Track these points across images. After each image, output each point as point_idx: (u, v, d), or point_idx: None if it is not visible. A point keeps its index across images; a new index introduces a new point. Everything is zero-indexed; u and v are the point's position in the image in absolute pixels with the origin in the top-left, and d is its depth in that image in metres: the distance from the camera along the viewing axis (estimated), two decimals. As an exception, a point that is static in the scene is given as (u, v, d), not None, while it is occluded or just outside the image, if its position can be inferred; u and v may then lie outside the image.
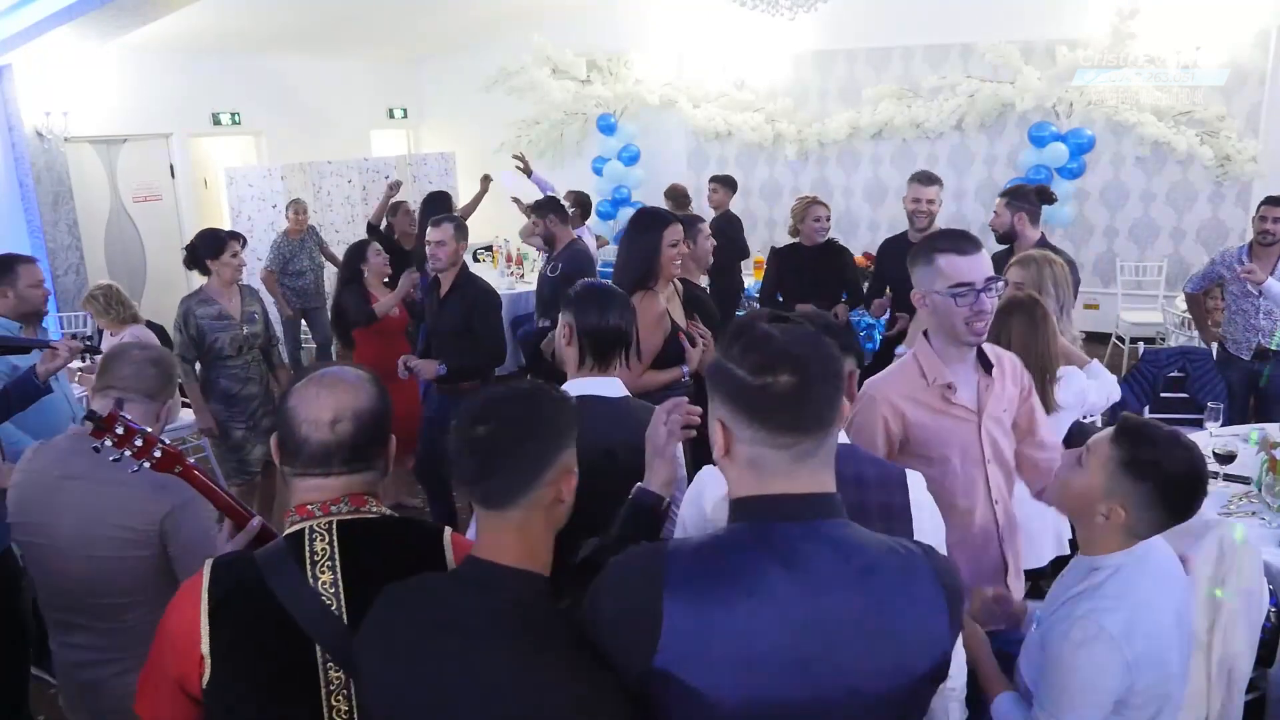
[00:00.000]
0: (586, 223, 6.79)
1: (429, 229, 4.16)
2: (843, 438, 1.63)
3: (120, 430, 1.63)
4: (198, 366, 4.16)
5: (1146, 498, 1.63)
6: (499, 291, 6.09)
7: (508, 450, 1.24)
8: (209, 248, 4.07)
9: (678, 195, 7.24)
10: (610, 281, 2.58)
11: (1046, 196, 4.14)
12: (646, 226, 3.21)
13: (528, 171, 6.91)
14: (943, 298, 2.03)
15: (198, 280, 4.25)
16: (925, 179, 4.43)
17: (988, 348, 2.21)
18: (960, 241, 2.08)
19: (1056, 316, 3.07)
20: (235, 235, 4.20)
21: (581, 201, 6.74)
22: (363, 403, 1.44)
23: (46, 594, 2.14)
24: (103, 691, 2.12)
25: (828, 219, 5.00)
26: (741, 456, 1.17)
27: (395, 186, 6.43)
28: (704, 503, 1.63)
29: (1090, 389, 2.93)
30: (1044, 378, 2.74)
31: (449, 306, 4.08)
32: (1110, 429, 1.72)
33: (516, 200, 6.71)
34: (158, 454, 1.66)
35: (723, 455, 1.19)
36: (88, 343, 3.18)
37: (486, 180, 6.94)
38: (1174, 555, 1.75)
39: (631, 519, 1.55)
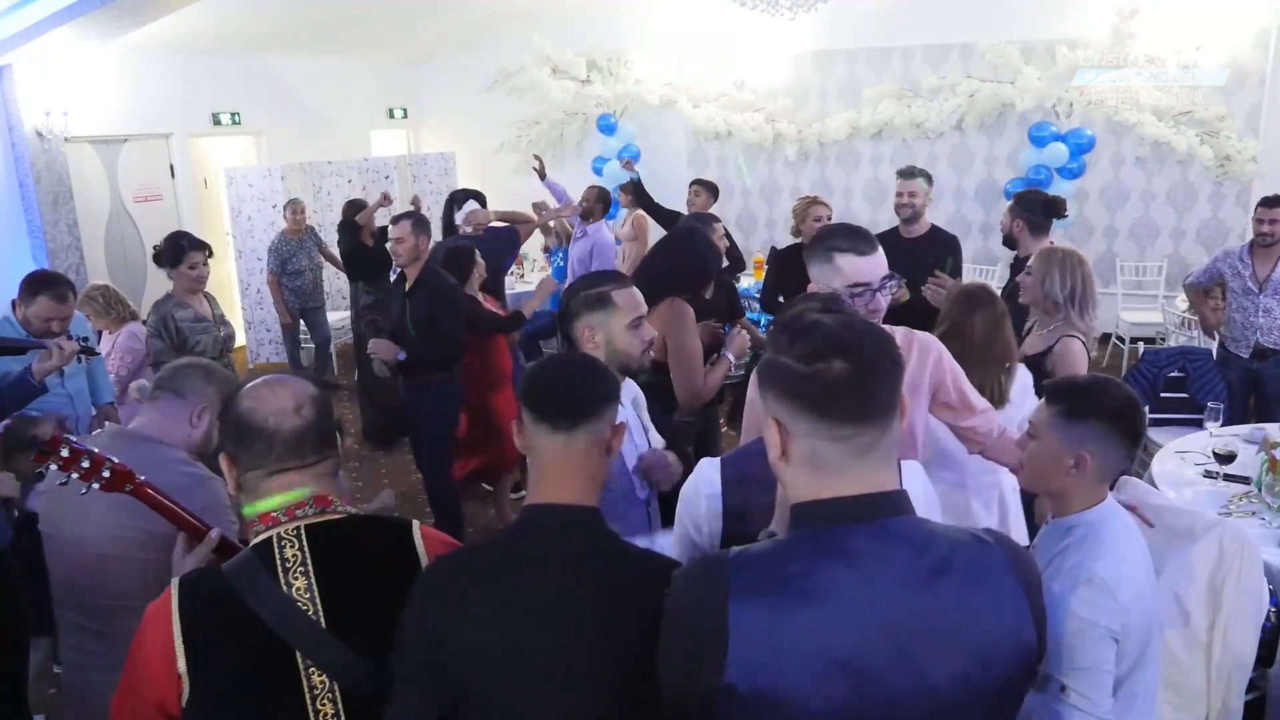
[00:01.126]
0: (604, 219, 6.76)
1: (390, 226, 4.19)
2: None
3: (65, 453, 1.61)
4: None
5: (1099, 433, 1.74)
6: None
7: (585, 379, 1.42)
8: (169, 255, 3.93)
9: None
10: (623, 273, 2.61)
11: (1054, 210, 4.08)
12: (707, 262, 3.34)
13: (542, 175, 6.94)
14: (841, 296, 2.07)
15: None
16: (904, 173, 4.50)
17: (900, 334, 2.24)
18: (858, 241, 2.11)
19: (1066, 309, 3.09)
20: (200, 246, 3.99)
21: (603, 198, 6.78)
22: (312, 390, 1.49)
23: (60, 593, 2.14)
24: (100, 696, 2.11)
25: (829, 219, 4.98)
26: (799, 454, 1.13)
27: (387, 198, 6.42)
28: (700, 495, 1.64)
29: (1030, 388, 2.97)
30: (1003, 369, 2.81)
31: (415, 300, 4.14)
32: (1040, 400, 1.86)
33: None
34: (106, 474, 1.63)
35: (779, 458, 1.15)
36: (83, 343, 3.17)
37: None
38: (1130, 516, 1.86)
39: None
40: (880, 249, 2.13)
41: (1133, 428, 1.77)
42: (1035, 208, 4.07)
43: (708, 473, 1.67)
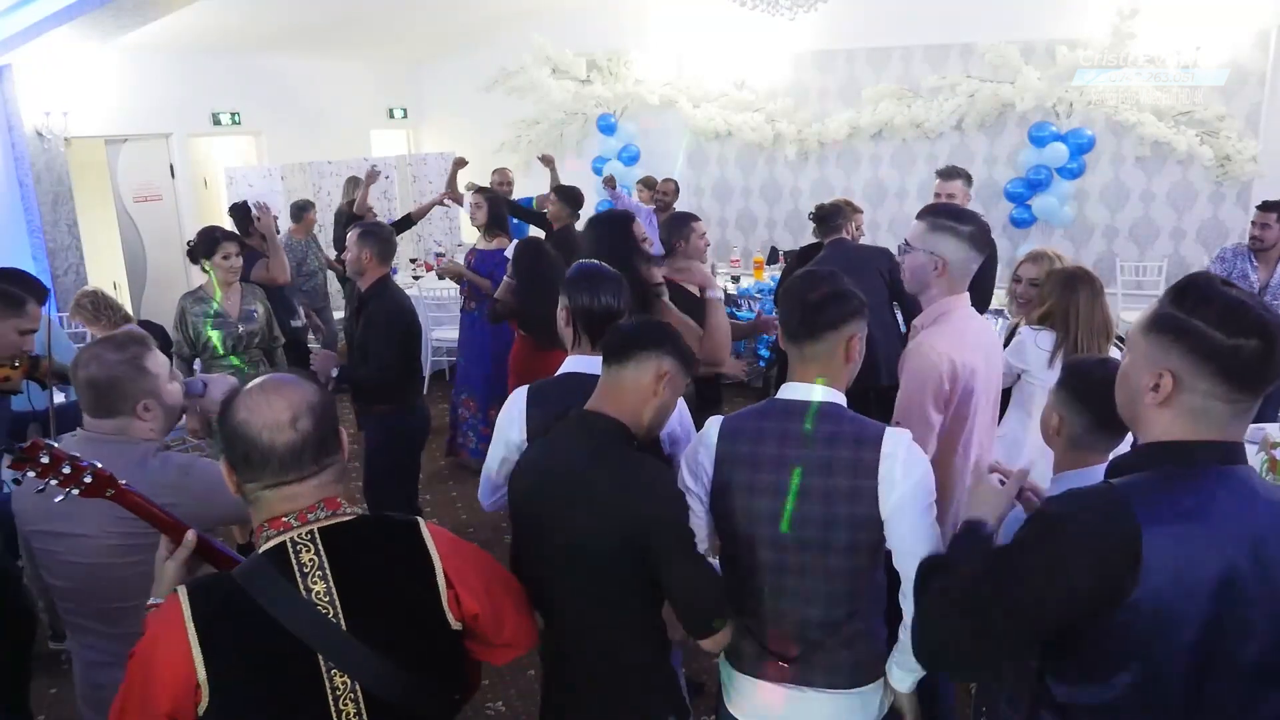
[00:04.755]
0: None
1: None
2: (839, 398, 1.81)
3: (45, 459, 1.56)
4: (197, 364, 4.14)
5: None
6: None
7: (645, 330, 1.88)
8: (204, 247, 4.09)
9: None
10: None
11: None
12: (619, 234, 3.02)
13: (610, 185, 7.06)
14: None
15: (198, 278, 4.23)
16: (944, 174, 4.40)
17: None
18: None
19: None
20: (230, 236, 4.15)
21: (650, 185, 7.14)
22: (312, 396, 1.42)
23: (58, 597, 2.11)
24: (110, 694, 2.10)
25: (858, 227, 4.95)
26: (1186, 406, 1.28)
27: (375, 175, 6.43)
28: (702, 447, 1.88)
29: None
30: (1105, 338, 2.94)
31: (360, 317, 3.70)
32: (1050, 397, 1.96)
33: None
34: (87, 480, 1.58)
35: (1155, 404, 1.30)
36: None
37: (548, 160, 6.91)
38: None
39: (964, 543, 1.64)
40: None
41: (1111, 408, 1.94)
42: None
43: (710, 428, 1.88)
